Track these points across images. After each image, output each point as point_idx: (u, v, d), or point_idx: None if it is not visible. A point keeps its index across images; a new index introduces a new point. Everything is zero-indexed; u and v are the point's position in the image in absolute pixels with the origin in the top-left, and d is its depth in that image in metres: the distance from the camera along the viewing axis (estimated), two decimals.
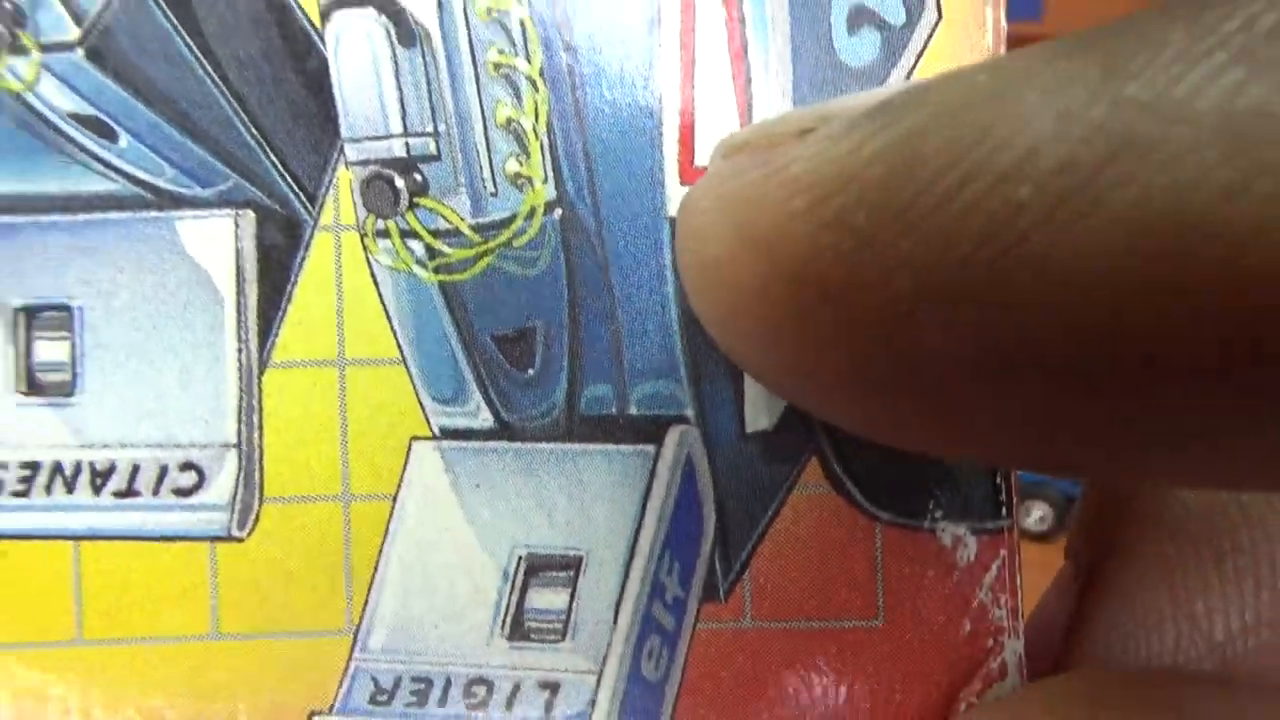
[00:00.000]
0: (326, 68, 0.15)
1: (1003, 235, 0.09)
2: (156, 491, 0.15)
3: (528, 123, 0.15)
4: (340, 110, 0.15)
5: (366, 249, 0.15)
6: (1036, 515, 0.90)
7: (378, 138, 0.15)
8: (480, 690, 0.15)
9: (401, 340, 0.15)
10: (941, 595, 0.15)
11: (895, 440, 0.13)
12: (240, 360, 0.15)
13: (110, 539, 0.15)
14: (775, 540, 0.15)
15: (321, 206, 0.15)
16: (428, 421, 0.15)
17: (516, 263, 0.15)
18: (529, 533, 0.15)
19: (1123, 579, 0.15)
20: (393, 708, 0.15)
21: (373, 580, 0.15)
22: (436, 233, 0.15)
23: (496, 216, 0.15)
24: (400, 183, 0.15)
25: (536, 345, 0.15)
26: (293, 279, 0.15)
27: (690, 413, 0.15)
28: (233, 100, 0.15)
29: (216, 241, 0.15)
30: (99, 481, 0.15)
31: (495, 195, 0.15)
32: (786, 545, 0.15)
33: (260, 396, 0.15)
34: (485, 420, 0.15)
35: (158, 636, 0.15)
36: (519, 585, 0.15)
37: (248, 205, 0.15)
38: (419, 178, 0.15)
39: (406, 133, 0.15)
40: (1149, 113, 0.08)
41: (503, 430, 0.15)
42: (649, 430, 0.15)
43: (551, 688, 0.15)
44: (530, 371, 0.15)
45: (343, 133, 0.15)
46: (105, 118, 0.15)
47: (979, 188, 0.09)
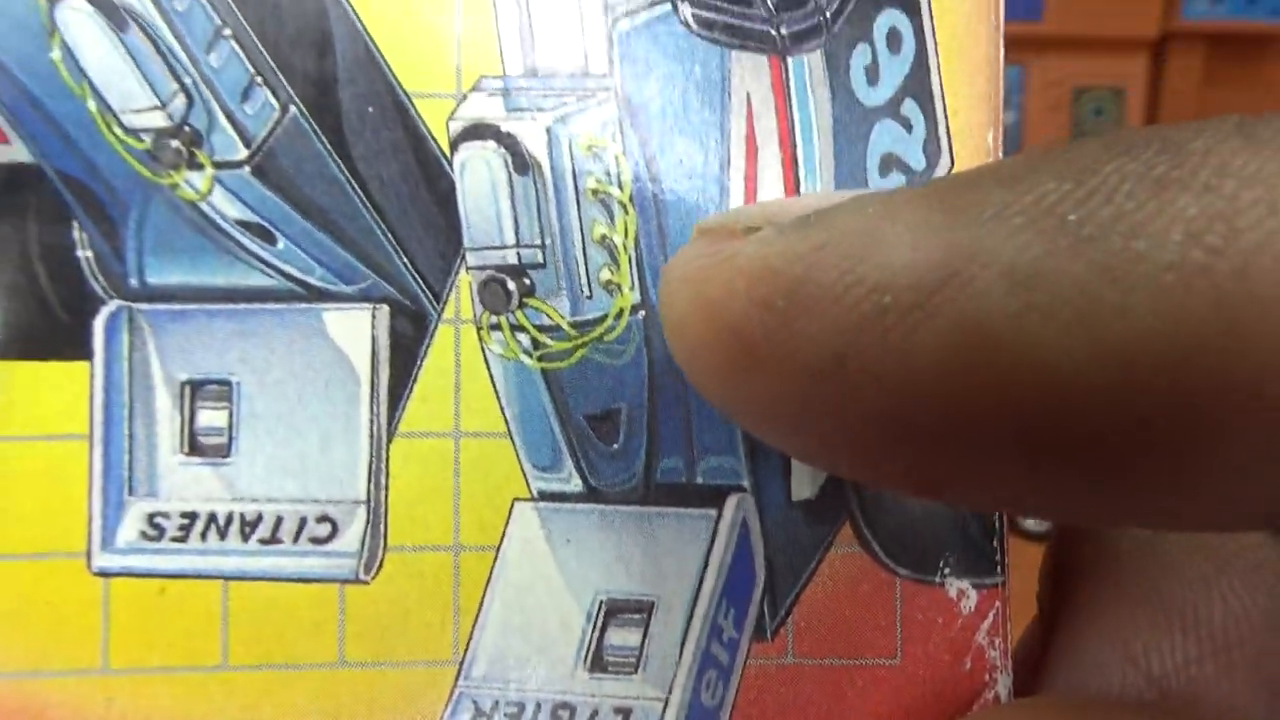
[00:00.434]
0: (453, 189, 0.16)
1: (873, 328, 0.11)
2: (296, 540, 0.16)
3: (618, 239, 0.16)
4: (464, 224, 0.16)
5: (481, 340, 0.16)
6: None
7: (494, 248, 0.16)
8: (564, 714, 0.16)
9: (508, 417, 0.16)
10: (948, 638, 0.17)
11: (836, 471, 0.15)
12: (372, 430, 0.16)
13: (255, 579, 0.16)
14: (814, 591, 0.17)
15: (445, 303, 0.16)
16: (528, 485, 0.16)
17: (606, 354, 0.16)
18: (609, 581, 0.16)
19: (1075, 624, 0.16)
20: None
21: (477, 619, 0.16)
22: (541, 328, 0.16)
23: (591, 316, 0.16)
24: (512, 285, 0.16)
25: (621, 424, 0.16)
26: (419, 363, 0.16)
27: (746, 483, 0.17)
28: (374, 213, 0.16)
29: (356, 330, 0.16)
30: (247, 530, 0.16)
31: (590, 298, 0.16)
32: (823, 595, 0.17)
33: (387, 461, 0.16)
34: (576, 485, 0.16)
35: (292, 664, 0.16)
36: (599, 625, 0.16)
37: (384, 301, 0.16)
38: (527, 282, 0.16)
39: (519, 244, 0.16)
40: (967, 254, 0.10)
41: (590, 494, 0.16)
42: (712, 497, 0.16)
43: (625, 713, 0.16)
44: (615, 445, 0.16)
45: (465, 242, 0.16)
46: (267, 224, 0.16)
47: (859, 292, 0.11)
